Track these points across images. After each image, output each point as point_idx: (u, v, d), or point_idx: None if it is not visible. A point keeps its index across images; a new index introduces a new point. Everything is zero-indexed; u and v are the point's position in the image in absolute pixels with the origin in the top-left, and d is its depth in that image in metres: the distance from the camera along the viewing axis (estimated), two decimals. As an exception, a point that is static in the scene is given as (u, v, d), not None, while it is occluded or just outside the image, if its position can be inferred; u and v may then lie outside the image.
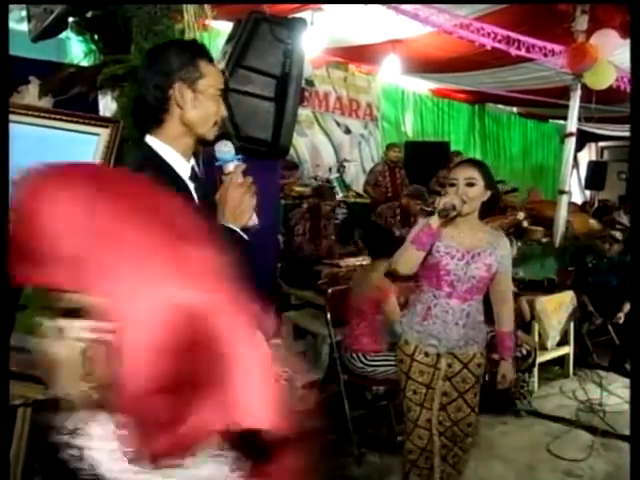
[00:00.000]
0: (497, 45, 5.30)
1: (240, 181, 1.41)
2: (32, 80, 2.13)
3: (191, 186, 1.43)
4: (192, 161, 1.48)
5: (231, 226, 1.38)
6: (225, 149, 1.45)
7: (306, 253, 4.55)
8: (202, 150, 1.54)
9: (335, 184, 6.63)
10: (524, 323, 4.03)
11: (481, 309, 2.23)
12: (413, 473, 2.25)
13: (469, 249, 2.12)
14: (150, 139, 1.42)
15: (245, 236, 1.41)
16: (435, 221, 1.98)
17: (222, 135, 1.50)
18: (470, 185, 2.06)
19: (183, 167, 1.43)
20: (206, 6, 2.25)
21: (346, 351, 3.16)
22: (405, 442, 2.27)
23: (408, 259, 2.07)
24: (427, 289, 2.20)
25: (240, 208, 1.39)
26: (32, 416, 1.70)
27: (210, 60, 1.45)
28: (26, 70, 2.16)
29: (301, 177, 6.61)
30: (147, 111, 1.42)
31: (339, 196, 6.43)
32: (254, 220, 1.43)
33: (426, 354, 2.18)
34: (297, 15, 3.88)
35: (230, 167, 1.44)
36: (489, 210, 2.19)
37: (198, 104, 1.40)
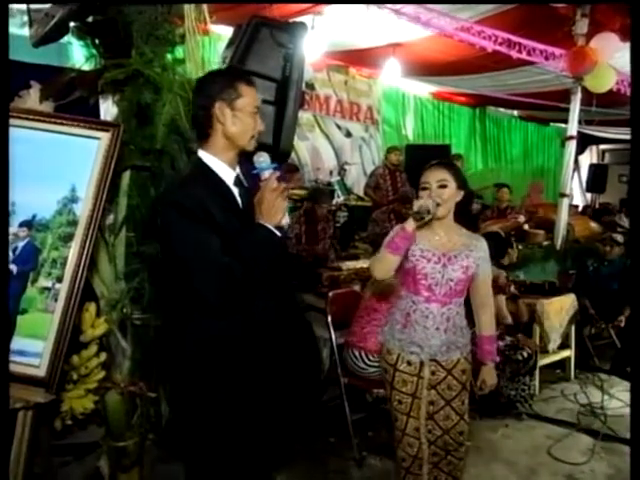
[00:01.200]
0: (497, 48, 5.30)
1: (275, 186, 1.61)
2: (33, 84, 2.14)
3: (235, 191, 1.69)
4: (237, 170, 1.72)
5: (267, 224, 1.60)
6: (261, 159, 1.66)
7: (302, 256, 4.54)
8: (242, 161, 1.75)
9: (336, 187, 6.63)
10: (525, 326, 4.03)
11: (462, 313, 2.20)
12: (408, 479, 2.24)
13: (445, 252, 2.11)
14: (200, 152, 1.69)
15: (278, 233, 1.63)
16: (410, 224, 1.97)
17: (258, 147, 1.72)
18: (443, 187, 2.08)
19: (228, 175, 1.68)
20: (206, 11, 2.26)
21: (349, 349, 3.13)
22: (397, 450, 2.24)
23: (383, 264, 2.07)
24: (406, 295, 2.18)
25: (274, 209, 1.60)
26: (32, 420, 1.70)
27: (248, 82, 1.67)
28: (27, 75, 2.16)
29: (302, 179, 6.61)
30: (198, 128, 1.70)
31: (340, 199, 6.43)
32: (286, 219, 1.66)
33: (409, 363, 2.15)
34: (298, 19, 3.90)
35: (266, 174, 1.64)
36: (464, 209, 2.22)
37: (237, 120, 1.64)
